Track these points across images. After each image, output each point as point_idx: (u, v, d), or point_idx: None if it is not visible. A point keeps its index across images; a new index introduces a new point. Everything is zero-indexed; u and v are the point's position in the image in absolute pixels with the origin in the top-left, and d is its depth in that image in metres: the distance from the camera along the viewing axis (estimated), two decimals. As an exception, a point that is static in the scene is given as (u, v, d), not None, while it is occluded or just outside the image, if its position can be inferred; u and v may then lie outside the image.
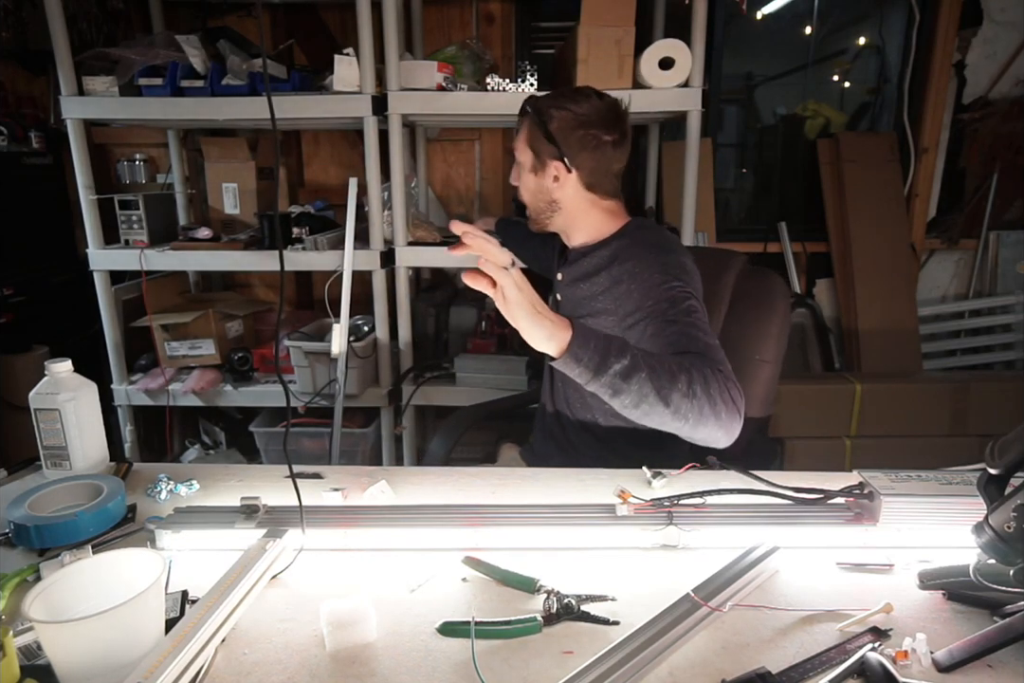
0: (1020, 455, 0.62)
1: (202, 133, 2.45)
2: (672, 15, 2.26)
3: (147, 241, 2.05)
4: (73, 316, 2.28)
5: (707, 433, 0.90)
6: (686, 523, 0.82)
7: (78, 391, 0.97)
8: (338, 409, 1.95)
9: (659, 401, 0.85)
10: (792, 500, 0.88)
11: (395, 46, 1.82)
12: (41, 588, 0.60)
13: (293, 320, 2.30)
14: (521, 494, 0.96)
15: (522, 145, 1.23)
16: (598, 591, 0.72)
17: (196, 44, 1.89)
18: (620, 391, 0.85)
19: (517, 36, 2.55)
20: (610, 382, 0.84)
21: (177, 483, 0.97)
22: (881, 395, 2.29)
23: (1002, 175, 2.63)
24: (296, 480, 0.80)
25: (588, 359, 0.82)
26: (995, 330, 2.78)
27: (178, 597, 0.71)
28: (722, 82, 2.69)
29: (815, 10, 2.65)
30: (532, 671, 0.62)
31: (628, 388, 0.84)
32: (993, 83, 2.60)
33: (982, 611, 0.69)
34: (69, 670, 0.58)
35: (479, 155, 2.63)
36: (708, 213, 2.64)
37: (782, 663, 0.62)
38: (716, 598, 0.69)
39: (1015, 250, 2.73)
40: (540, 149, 1.20)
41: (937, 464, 0.90)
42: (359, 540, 0.82)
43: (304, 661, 0.63)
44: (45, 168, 2.28)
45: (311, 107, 1.87)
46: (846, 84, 2.77)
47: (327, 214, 2.25)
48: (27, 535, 0.81)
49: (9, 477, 1.03)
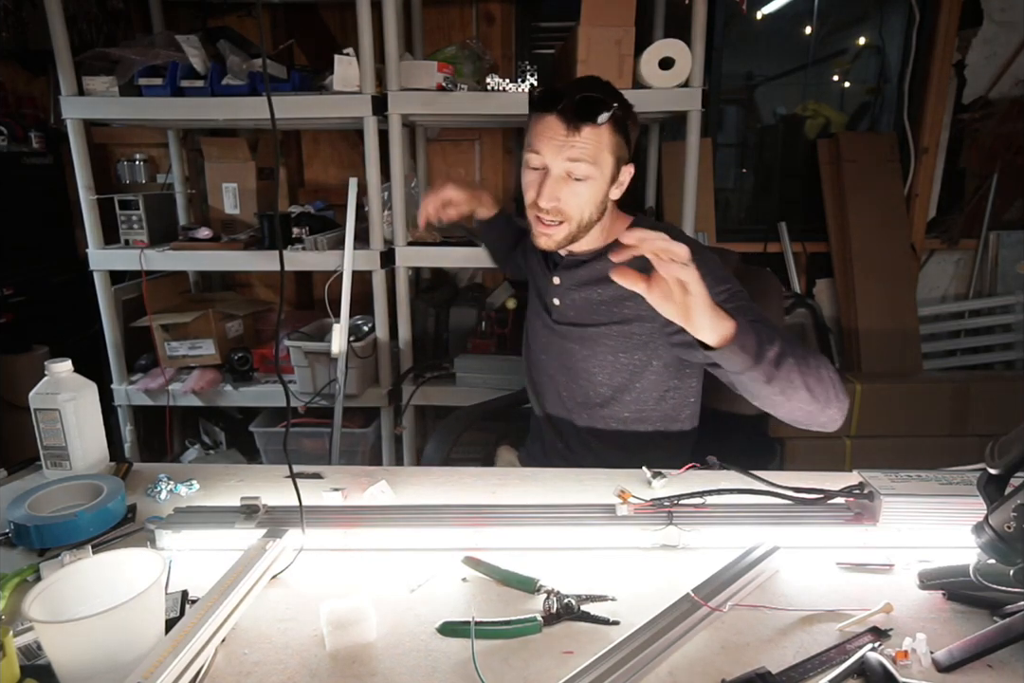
0: (1020, 455, 0.62)
1: (202, 133, 2.45)
2: (672, 15, 2.26)
3: (147, 241, 2.05)
4: (73, 316, 2.28)
5: (830, 415, 0.94)
6: (686, 523, 0.82)
7: (78, 391, 0.97)
8: (338, 409, 1.95)
9: (802, 385, 0.90)
10: (792, 500, 0.88)
11: (395, 46, 1.82)
12: (41, 588, 0.60)
13: (293, 320, 2.30)
14: (521, 494, 0.96)
15: (604, 154, 1.07)
16: (598, 591, 0.72)
17: (196, 44, 1.88)
18: (772, 377, 0.89)
19: (517, 36, 2.55)
20: (766, 369, 0.88)
21: (177, 483, 0.97)
22: (881, 395, 2.29)
23: (1002, 175, 2.63)
24: (296, 480, 0.80)
25: (749, 347, 0.86)
26: (995, 330, 2.78)
27: (178, 597, 0.71)
28: (722, 82, 2.69)
29: (815, 10, 2.65)
30: (532, 671, 0.62)
31: (779, 374, 0.89)
32: (993, 83, 2.60)
33: (982, 611, 0.69)
34: (69, 670, 0.58)
35: (479, 155, 2.63)
36: (708, 213, 2.64)
37: (782, 663, 0.62)
38: (716, 598, 0.69)
39: (1015, 250, 2.73)
40: (621, 155, 1.10)
41: (937, 464, 0.90)
42: (359, 540, 0.82)
43: (304, 661, 0.63)
44: (45, 168, 2.28)
45: (311, 107, 1.87)
46: (846, 84, 2.77)
47: (327, 214, 2.25)
48: (27, 535, 0.81)
49: (9, 477, 1.03)
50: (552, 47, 2.57)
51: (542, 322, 1.31)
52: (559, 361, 1.28)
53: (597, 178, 1.08)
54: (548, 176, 1.08)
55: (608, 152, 1.07)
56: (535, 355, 1.34)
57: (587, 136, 1.04)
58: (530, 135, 1.10)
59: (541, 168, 1.09)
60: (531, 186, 1.11)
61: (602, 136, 1.05)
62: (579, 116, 1.03)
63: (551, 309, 1.29)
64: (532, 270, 1.37)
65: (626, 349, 1.20)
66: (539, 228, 1.13)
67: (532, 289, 1.38)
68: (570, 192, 1.08)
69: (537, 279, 1.34)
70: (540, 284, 1.32)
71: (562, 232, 1.13)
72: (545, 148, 1.06)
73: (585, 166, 1.06)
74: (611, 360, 1.21)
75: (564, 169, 1.07)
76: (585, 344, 1.22)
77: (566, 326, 1.25)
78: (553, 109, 1.04)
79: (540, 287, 1.33)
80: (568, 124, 1.04)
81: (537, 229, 1.14)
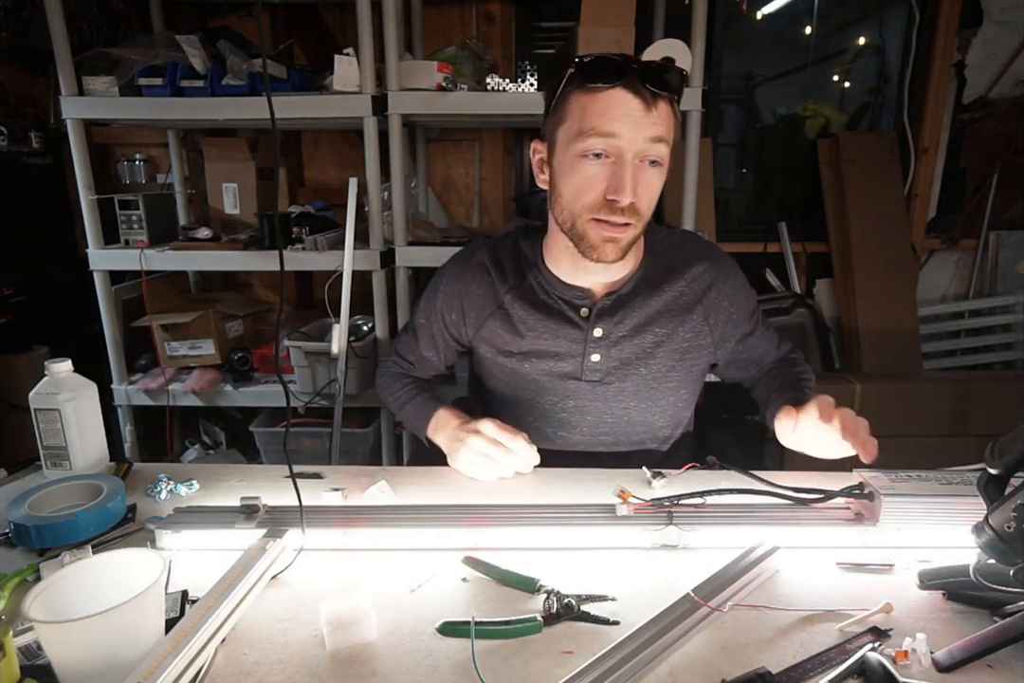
0: (1020, 455, 0.62)
1: (202, 133, 2.45)
2: (672, 15, 2.26)
3: (147, 241, 2.05)
4: (73, 316, 2.28)
5: None
6: (686, 523, 0.81)
7: (78, 391, 0.97)
8: (338, 409, 1.95)
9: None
10: (792, 500, 0.88)
11: (395, 46, 1.82)
12: (41, 588, 0.60)
13: (293, 320, 2.30)
14: (521, 494, 0.96)
15: (669, 134, 0.91)
16: (598, 591, 0.72)
17: (196, 44, 1.88)
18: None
19: (517, 36, 2.55)
20: None
21: (177, 483, 0.97)
22: (881, 395, 2.29)
23: (1002, 175, 2.63)
24: (296, 480, 0.80)
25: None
26: (995, 330, 2.78)
27: (178, 597, 0.71)
28: (722, 82, 2.69)
29: (815, 10, 2.65)
30: (532, 671, 0.62)
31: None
32: (993, 83, 2.60)
33: (982, 611, 0.69)
34: (69, 670, 0.58)
35: (479, 155, 2.63)
36: (708, 213, 2.64)
37: (782, 663, 0.62)
38: (716, 598, 0.69)
39: (1015, 250, 2.73)
40: (675, 138, 0.93)
41: (937, 464, 0.90)
42: (359, 540, 0.82)
43: (304, 661, 0.63)
44: (45, 168, 2.28)
45: (311, 107, 1.87)
46: (846, 84, 2.77)
47: (327, 214, 2.25)
48: (27, 535, 0.81)
49: (9, 477, 1.03)
50: (552, 47, 2.57)
51: (559, 390, 1.09)
52: (595, 420, 1.11)
53: (667, 164, 0.92)
54: (624, 164, 0.89)
55: (672, 130, 0.92)
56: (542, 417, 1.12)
57: (663, 111, 0.89)
58: (586, 117, 0.89)
59: (611, 156, 0.90)
60: (593, 181, 0.91)
61: (672, 112, 0.91)
62: (658, 84, 0.87)
63: (585, 369, 1.06)
64: (518, 329, 1.08)
65: (687, 383, 1.11)
66: (606, 232, 0.93)
67: (510, 351, 1.09)
68: (646, 183, 0.91)
69: (534, 339, 1.07)
70: (546, 342, 1.06)
71: (630, 235, 0.94)
72: (622, 127, 0.87)
73: (664, 147, 0.90)
74: (673, 401, 1.11)
75: (642, 154, 0.89)
76: (642, 397, 1.08)
77: (612, 386, 1.07)
78: (618, 80, 0.87)
79: (548, 346, 1.07)
80: (644, 95, 0.87)
81: (601, 235, 0.93)
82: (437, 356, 1.20)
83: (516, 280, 1.08)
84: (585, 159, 0.91)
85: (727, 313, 1.10)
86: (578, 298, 1.05)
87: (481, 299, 1.10)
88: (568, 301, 1.06)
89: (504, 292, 1.08)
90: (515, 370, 1.09)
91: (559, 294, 1.06)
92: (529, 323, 1.07)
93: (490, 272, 1.09)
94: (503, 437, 0.95)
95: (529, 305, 1.07)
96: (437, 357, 1.20)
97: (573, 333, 1.06)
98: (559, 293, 1.06)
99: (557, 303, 1.06)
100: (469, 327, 1.11)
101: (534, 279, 1.08)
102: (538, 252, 1.08)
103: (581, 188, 0.92)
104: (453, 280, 1.11)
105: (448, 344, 1.17)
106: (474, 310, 1.10)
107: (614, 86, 0.87)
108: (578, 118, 0.90)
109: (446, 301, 1.12)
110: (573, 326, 1.06)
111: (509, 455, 0.95)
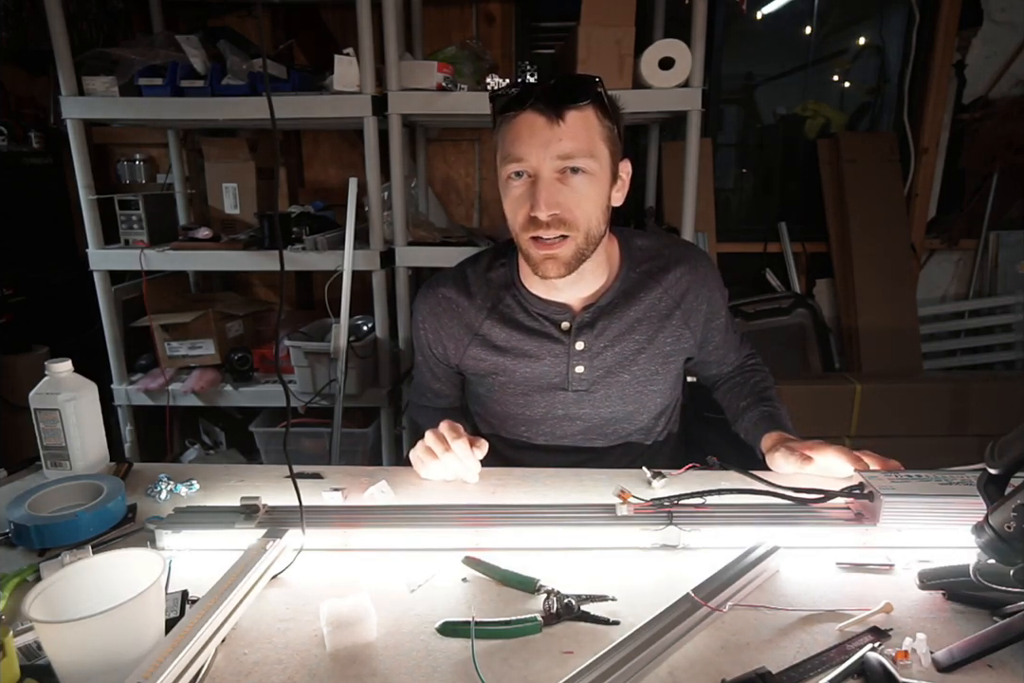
0: (1020, 455, 0.62)
1: (202, 133, 2.45)
2: (672, 15, 2.26)
3: (147, 241, 2.05)
4: (73, 316, 2.28)
5: None
6: (686, 523, 0.81)
7: (78, 391, 0.97)
8: (338, 409, 1.95)
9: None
10: (792, 500, 0.88)
11: (395, 46, 1.82)
12: (41, 588, 0.60)
13: (293, 320, 2.30)
14: (521, 494, 0.96)
15: (597, 142, 0.92)
16: (598, 591, 0.72)
17: (196, 44, 1.88)
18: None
19: (517, 36, 2.55)
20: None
21: (177, 483, 0.97)
22: (881, 395, 2.29)
23: (1002, 175, 2.63)
24: (296, 480, 0.80)
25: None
26: (995, 330, 2.78)
27: (178, 597, 0.71)
28: (722, 82, 2.69)
29: (815, 10, 2.66)
30: (532, 671, 0.62)
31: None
32: (993, 83, 2.60)
33: (982, 611, 0.69)
34: (69, 670, 0.58)
35: (479, 155, 2.63)
36: (708, 213, 2.64)
37: (782, 663, 0.62)
38: (716, 598, 0.69)
39: (1015, 250, 2.73)
40: (615, 146, 0.95)
41: (937, 464, 0.90)
42: (359, 540, 0.82)
43: (304, 661, 0.63)
44: (45, 168, 2.28)
45: (311, 107, 1.87)
46: (846, 84, 2.78)
47: (327, 214, 2.25)
48: (27, 535, 0.81)
49: (9, 477, 1.03)
50: (552, 47, 2.57)
51: (548, 402, 1.11)
52: (585, 425, 1.14)
53: (597, 172, 0.93)
54: (539, 182, 0.92)
55: (600, 140, 0.93)
56: (534, 427, 1.16)
57: (574, 123, 0.90)
58: (504, 145, 0.94)
59: (529, 176, 0.94)
60: (519, 201, 0.95)
61: (590, 121, 0.92)
62: (560, 99, 0.89)
63: (571, 380, 1.08)
64: (501, 349, 1.10)
65: (671, 383, 1.15)
66: (540, 251, 0.95)
67: (495, 372, 1.11)
68: (571, 193, 0.93)
69: (516, 357, 1.09)
70: (529, 360, 1.09)
71: (569, 249, 0.95)
72: (528, 149, 0.91)
73: (581, 158, 0.91)
74: (660, 401, 1.15)
75: (556, 169, 0.92)
76: (628, 400, 1.11)
77: (598, 394, 1.10)
78: (525, 104, 0.91)
79: (532, 363, 1.09)
80: (548, 114, 0.90)
81: (538, 253, 0.96)
82: (444, 386, 1.23)
83: (491, 302, 1.10)
84: (511, 181, 0.96)
85: (705, 316, 1.13)
86: (557, 313, 1.07)
87: (456, 331, 1.12)
88: (548, 317, 1.08)
89: (481, 319, 1.11)
90: (503, 388, 1.12)
91: (538, 311, 1.08)
92: (512, 343, 1.09)
93: (457, 304, 1.12)
94: (448, 436, 0.95)
95: (507, 326, 1.09)
96: (445, 387, 1.23)
97: (556, 348, 1.08)
98: (538, 310, 1.08)
99: (537, 320, 1.08)
100: (453, 358, 1.15)
101: (512, 298, 1.10)
102: (514, 271, 1.10)
103: (512, 209, 0.97)
104: (427, 317, 1.15)
105: (448, 373, 1.20)
106: (452, 341, 1.13)
107: (523, 110, 0.92)
108: (501, 145, 0.96)
109: (427, 337, 1.16)
110: (555, 341, 1.08)
111: (448, 454, 0.95)
